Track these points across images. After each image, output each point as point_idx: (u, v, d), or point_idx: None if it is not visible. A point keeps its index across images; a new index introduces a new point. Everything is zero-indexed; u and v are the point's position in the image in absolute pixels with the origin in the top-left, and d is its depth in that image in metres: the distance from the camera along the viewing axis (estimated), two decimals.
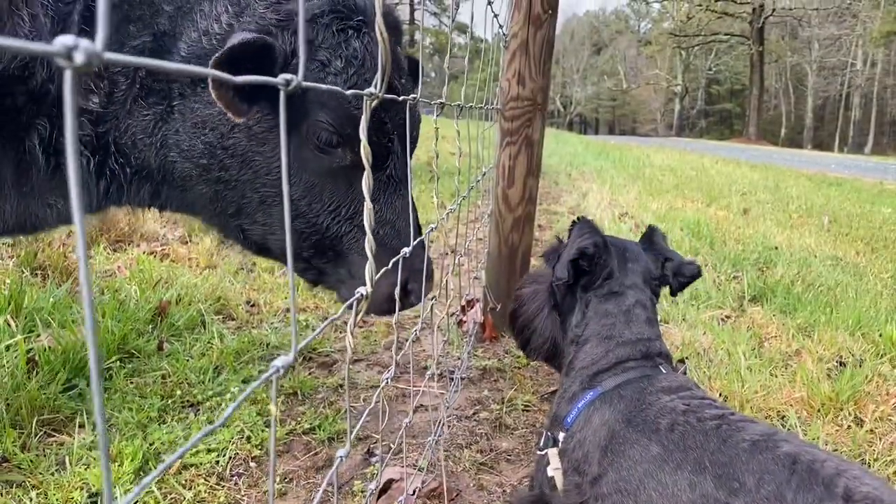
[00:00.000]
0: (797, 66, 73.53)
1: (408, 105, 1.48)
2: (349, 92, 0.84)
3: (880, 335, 3.51)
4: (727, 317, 3.85)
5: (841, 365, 3.14)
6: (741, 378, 2.88)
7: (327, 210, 1.64)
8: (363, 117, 0.88)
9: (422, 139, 2.08)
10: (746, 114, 61.96)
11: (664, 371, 1.49)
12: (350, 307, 0.96)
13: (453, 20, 1.85)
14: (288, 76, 0.62)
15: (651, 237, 1.75)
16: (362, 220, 1.55)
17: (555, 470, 1.44)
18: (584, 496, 1.34)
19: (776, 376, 2.96)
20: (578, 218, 1.69)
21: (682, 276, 1.68)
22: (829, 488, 1.06)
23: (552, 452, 1.46)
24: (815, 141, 68.90)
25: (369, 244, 0.90)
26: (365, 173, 0.87)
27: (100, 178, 1.68)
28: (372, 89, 0.87)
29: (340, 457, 0.94)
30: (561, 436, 1.46)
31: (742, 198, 9.48)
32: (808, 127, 71.09)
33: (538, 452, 1.54)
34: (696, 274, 1.69)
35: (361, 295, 0.94)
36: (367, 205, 0.88)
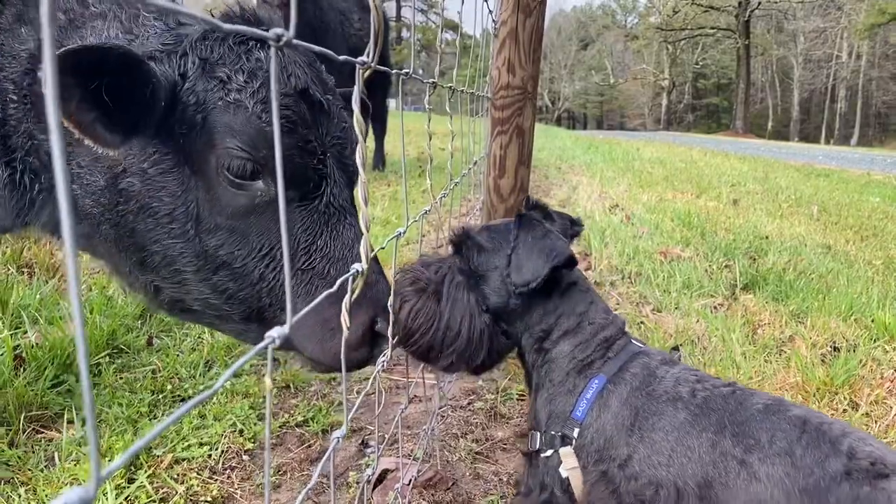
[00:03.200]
0: (783, 59, 73.87)
1: (340, 123, 1.36)
2: (341, 58, 0.81)
3: (872, 321, 3.52)
4: (720, 305, 3.84)
5: (835, 350, 3.14)
6: (735, 364, 2.87)
7: (257, 257, 1.36)
8: (356, 88, 0.85)
9: (412, 136, 2.01)
10: (733, 107, 62.24)
11: (638, 343, 1.50)
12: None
13: (442, 13, 1.83)
14: (279, 30, 0.58)
15: (538, 207, 1.64)
16: (304, 260, 1.37)
17: (570, 469, 1.40)
18: (615, 482, 1.32)
19: (770, 362, 2.96)
20: (521, 214, 1.54)
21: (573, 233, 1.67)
22: (835, 446, 1.13)
23: (566, 451, 1.41)
24: (801, 133, 69.24)
25: (363, 219, 0.87)
26: (358, 147, 0.84)
27: (12, 191, 1.47)
28: (364, 58, 0.84)
29: (337, 438, 0.92)
30: (575, 431, 1.41)
31: (731, 189, 9.50)
32: (795, 119, 71.42)
33: (541, 456, 1.46)
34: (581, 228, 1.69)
35: (357, 271, 0.91)
36: (362, 176, 0.86)
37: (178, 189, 1.29)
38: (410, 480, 1.96)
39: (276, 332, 0.65)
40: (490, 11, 3.01)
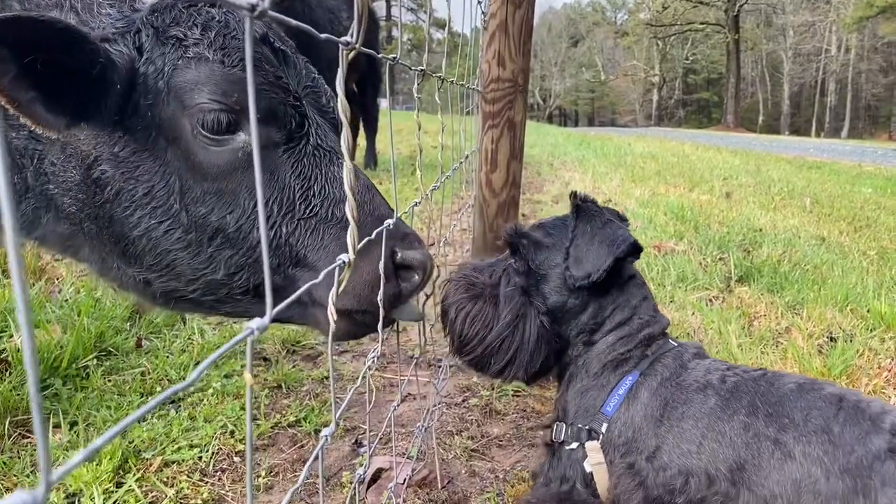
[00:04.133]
0: (773, 53, 74.10)
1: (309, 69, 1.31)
2: (323, 36, 0.77)
3: (868, 311, 3.50)
4: (715, 297, 3.82)
5: (831, 340, 3.12)
6: (733, 356, 2.85)
7: (252, 215, 1.28)
8: (339, 70, 0.81)
9: (403, 134, 1.96)
10: (724, 102, 62.39)
11: (675, 344, 1.47)
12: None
13: (429, 15, 1.79)
14: (254, 0, 0.54)
15: (588, 201, 1.61)
16: (303, 208, 1.29)
17: (596, 464, 1.37)
18: (642, 475, 1.30)
19: (767, 353, 2.93)
20: (578, 205, 1.50)
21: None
22: (875, 423, 1.09)
23: (592, 446, 1.38)
24: (792, 127, 69.48)
25: (350, 207, 0.84)
26: (344, 130, 0.80)
27: None
28: (348, 38, 0.81)
29: (325, 436, 0.88)
30: (604, 426, 1.38)
31: (724, 182, 9.49)
32: (785, 113, 71.68)
33: (565, 448, 1.43)
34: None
35: (343, 262, 0.88)
36: (347, 164, 0.82)
37: (154, 166, 1.23)
38: (405, 479, 1.92)
39: (255, 324, 0.62)
40: (479, 2, 2.97)
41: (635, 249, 1.42)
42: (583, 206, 1.49)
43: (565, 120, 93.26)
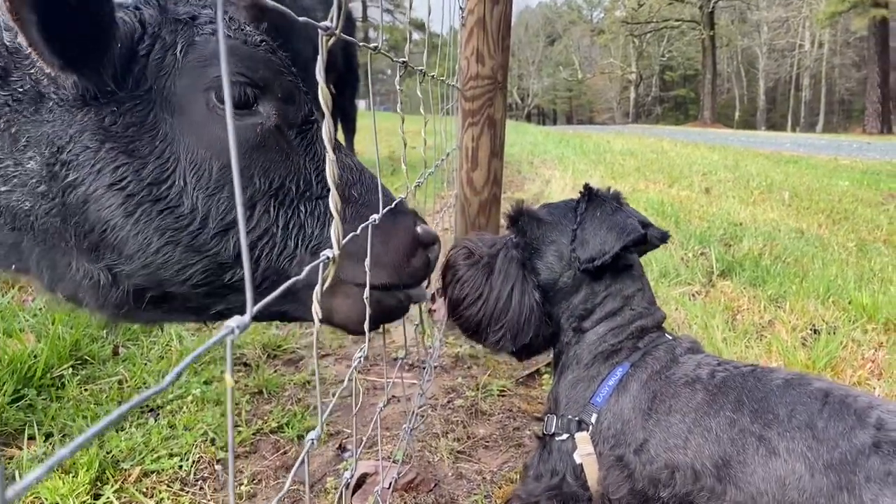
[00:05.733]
0: (748, 49, 74.75)
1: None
2: (301, 20, 0.73)
3: (850, 302, 3.52)
4: (697, 292, 3.82)
5: (815, 333, 3.12)
6: (717, 350, 2.84)
7: (268, 194, 1.21)
8: (320, 56, 0.78)
9: (382, 135, 1.91)
10: (701, 98, 62.90)
11: (672, 336, 1.47)
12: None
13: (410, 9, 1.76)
14: None
15: (618, 199, 1.63)
16: (319, 187, 1.24)
17: (586, 455, 1.36)
18: (630, 467, 1.29)
19: (751, 347, 2.93)
20: (591, 190, 1.52)
21: (653, 242, 1.60)
22: (861, 418, 1.08)
23: (581, 436, 1.38)
24: (768, 122, 70.13)
25: (334, 200, 0.80)
26: (325, 121, 0.77)
27: None
28: (327, 23, 0.77)
29: (311, 440, 0.85)
30: (593, 417, 1.38)
31: (703, 177, 9.54)
32: (762, 109, 72.32)
33: (556, 440, 1.43)
34: (664, 237, 1.61)
35: (328, 258, 0.84)
36: (330, 155, 0.78)
37: (152, 141, 1.14)
38: (391, 483, 1.89)
39: (234, 322, 0.58)
40: None
41: (643, 241, 1.44)
42: (595, 191, 1.51)
43: (543, 119, 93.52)
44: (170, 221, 1.16)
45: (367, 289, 1.17)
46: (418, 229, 1.32)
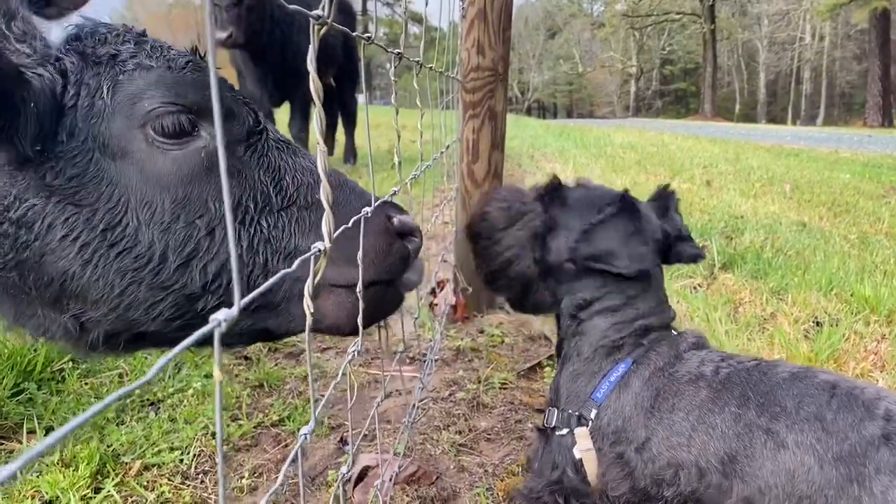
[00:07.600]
0: (748, 42, 74.55)
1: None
2: (292, 8, 0.72)
3: (852, 294, 3.51)
4: (699, 285, 3.81)
5: (817, 325, 3.11)
6: (720, 343, 2.83)
7: (222, 217, 1.15)
8: (311, 48, 0.77)
9: (381, 129, 1.89)
10: (701, 91, 62.69)
11: (678, 332, 1.46)
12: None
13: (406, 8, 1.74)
14: None
15: (667, 204, 1.59)
16: (280, 200, 1.21)
17: (585, 451, 1.35)
18: (631, 465, 1.28)
19: (754, 340, 2.92)
20: (625, 199, 1.48)
21: (681, 258, 1.58)
22: (869, 410, 1.07)
23: (581, 432, 1.37)
24: (769, 115, 69.99)
25: (324, 191, 0.79)
26: (316, 109, 0.76)
27: None
28: (319, 12, 0.76)
29: (305, 434, 0.84)
30: (593, 412, 1.37)
31: (704, 170, 9.52)
32: (762, 102, 72.19)
33: (556, 434, 1.42)
34: (697, 257, 1.58)
35: (319, 251, 0.83)
36: (321, 147, 0.77)
37: (99, 186, 1.12)
38: (392, 476, 1.88)
39: (222, 315, 0.57)
40: None
41: (640, 276, 1.43)
42: (629, 204, 1.47)
43: (544, 112, 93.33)
44: (128, 262, 1.14)
45: (360, 284, 1.15)
46: (395, 220, 1.30)
